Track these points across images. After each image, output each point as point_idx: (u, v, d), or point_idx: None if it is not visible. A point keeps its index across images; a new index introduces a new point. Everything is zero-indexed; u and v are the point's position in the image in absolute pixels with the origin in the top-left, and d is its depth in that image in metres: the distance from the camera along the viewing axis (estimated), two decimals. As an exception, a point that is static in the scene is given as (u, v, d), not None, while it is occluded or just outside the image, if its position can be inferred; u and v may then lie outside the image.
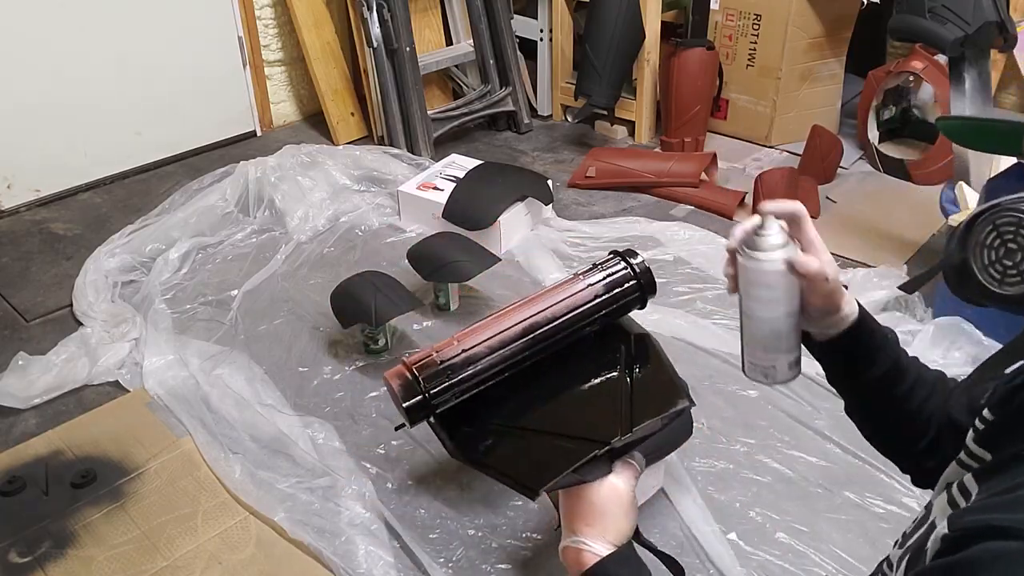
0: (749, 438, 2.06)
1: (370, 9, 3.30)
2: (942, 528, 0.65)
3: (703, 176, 3.18)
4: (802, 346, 0.93)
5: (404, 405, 0.95)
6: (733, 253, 0.89)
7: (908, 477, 1.02)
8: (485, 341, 0.98)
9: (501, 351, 0.98)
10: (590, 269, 1.08)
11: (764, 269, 0.86)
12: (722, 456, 2.02)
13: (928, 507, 0.82)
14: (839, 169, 3.28)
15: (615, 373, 1.02)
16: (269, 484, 1.93)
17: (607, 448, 0.93)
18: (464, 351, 0.97)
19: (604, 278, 1.06)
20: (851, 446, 2.00)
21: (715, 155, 3.27)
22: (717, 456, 2.02)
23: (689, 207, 3.11)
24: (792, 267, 0.85)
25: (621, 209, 3.12)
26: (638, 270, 1.06)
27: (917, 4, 2.40)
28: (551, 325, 1.01)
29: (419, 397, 0.95)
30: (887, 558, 0.88)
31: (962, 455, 0.80)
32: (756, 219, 0.87)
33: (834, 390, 1.00)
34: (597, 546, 0.91)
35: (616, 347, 1.05)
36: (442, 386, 0.96)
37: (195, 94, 3.52)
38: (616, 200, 3.18)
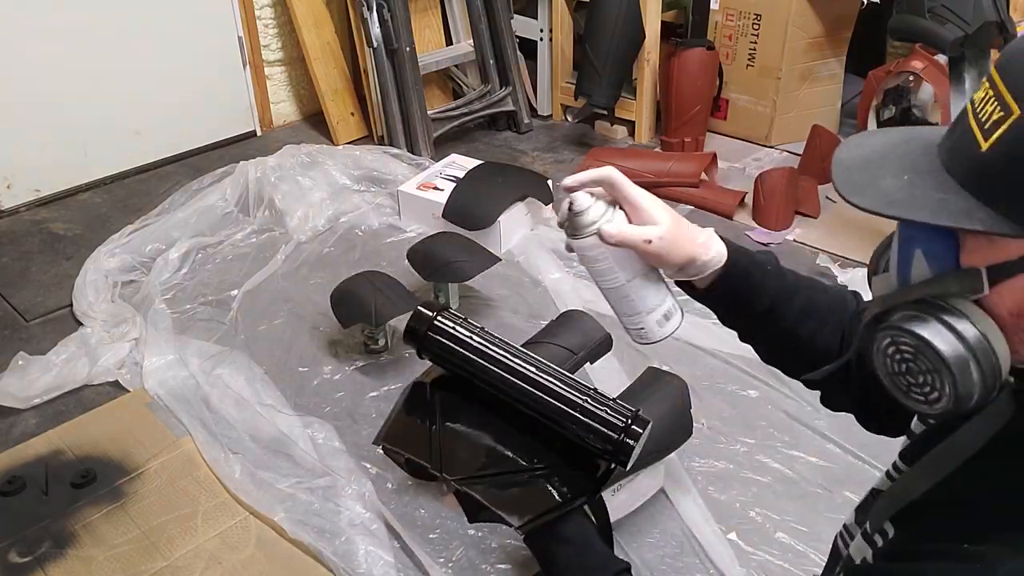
0: (749, 438, 2.07)
1: (370, 9, 3.30)
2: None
3: (703, 176, 3.17)
4: (670, 294, 0.93)
5: (415, 311, 0.92)
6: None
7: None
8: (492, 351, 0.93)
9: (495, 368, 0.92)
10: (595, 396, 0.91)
11: (583, 246, 0.87)
12: (722, 456, 2.02)
13: (858, 519, 0.85)
14: (839, 169, 3.27)
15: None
16: (269, 484, 1.93)
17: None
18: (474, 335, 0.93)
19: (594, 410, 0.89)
20: (851, 446, 2.00)
21: (715, 155, 3.27)
22: (717, 456, 2.02)
23: (689, 207, 3.11)
24: (606, 237, 0.84)
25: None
26: (618, 446, 0.88)
27: (917, 4, 2.40)
28: (531, 393, 0.90)
29: (430, 316, 0.92)
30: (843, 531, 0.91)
31: (891, 468, 0.80)
32: (567, 198, 0.87)
33: None
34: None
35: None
36: (448, 324, 0.92)
37: (195, 94, 3.52)
38: (616, 200, 3.18)
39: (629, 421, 0.87)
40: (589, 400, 0.88)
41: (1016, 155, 0.56)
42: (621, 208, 0.88)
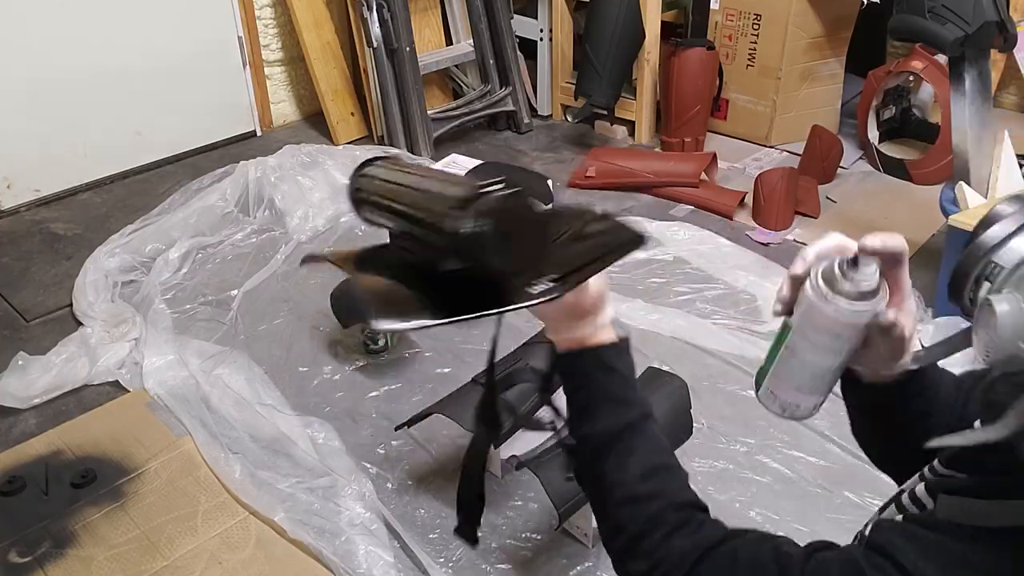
0: (749, 438, 2.06)
1: (370, 9, 3.30)
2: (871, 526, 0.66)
3: (703, 176, 3.18)
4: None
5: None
6: (798, 280, 0.74)
7: None
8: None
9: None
10: None
11: (841, 318, 0.71)
12: (722, 456, 2.02)
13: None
14: (839, 169, 3.28)
15: None
16: (269, 484, 1.93)
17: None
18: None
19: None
20: (851, 446, 1.99)
21: (715, 155, 3.27)
22: (717, 456, 2.02)
23: (689, 207, 3.11)
24: (875, 321, 0.72)
25: (621, 209, 3.12)
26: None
27: (917, 4, 2.40)
28: None
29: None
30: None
31: (926, 472, 0.77)
32: (846, 251, 0.72)
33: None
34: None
35: None
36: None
37: (195, 94, 3.52)
38: (616, 200, 3.18)
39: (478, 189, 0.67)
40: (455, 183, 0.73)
41: None
42: None
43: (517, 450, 1.88)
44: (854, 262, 0.70)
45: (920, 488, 0.74)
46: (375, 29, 3.33)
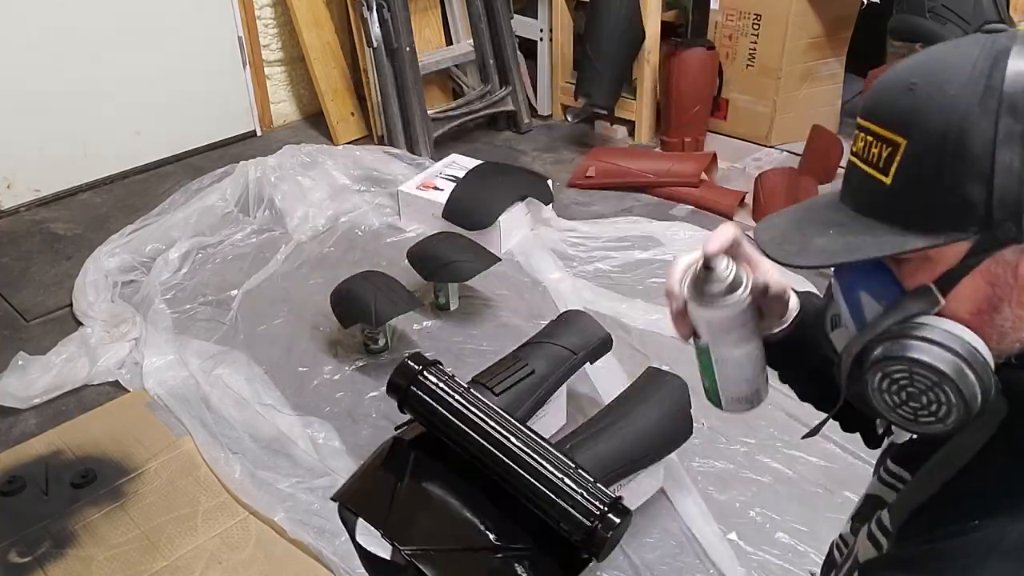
0: (749, 438, 2.06)
1: (370, 9, 3.30)
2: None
3: (703, 176, 3.18)
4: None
5: (399, 367, 0.89)
6: (680, 308, 0.81)
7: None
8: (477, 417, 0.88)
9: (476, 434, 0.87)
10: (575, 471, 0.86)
11: (731, 312, 0.78)
12: (722, 456, 2.02)
13: (854, 527, 0.84)
14: (839, 169, 3.28)
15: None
16: (269, 484, 1.93)
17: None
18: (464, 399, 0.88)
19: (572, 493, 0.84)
20: (851, 446, 1.99)
21: (715, 155, 3.27)
22: (717, 456, 2.02)
23: (689, 207, 3.11)
24: (755, 295, 0.78)
25: (621, 209, 3.12)
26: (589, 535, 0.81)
27: (917, 4, 2.40)
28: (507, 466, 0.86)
29: (414, 372, 0.89)
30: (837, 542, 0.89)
31: (882, 471, 0.81)
32: (696, 262, 0.78)
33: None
34: None
35: None
36: (433, 381, 0.89)
37: (195, 94, 3.52)
38: (616, 200, 3.18)
39: (606, 509, 0.80)
40: (568, 480, 0.82)
41: (917, 175, 0.62)
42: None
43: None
44: (708, 266, 0.77)
45: (885, 515, 0.75)
46: (375, 29, 3.33)
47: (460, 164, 3.09)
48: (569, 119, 3.84)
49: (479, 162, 3.08)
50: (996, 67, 0.60)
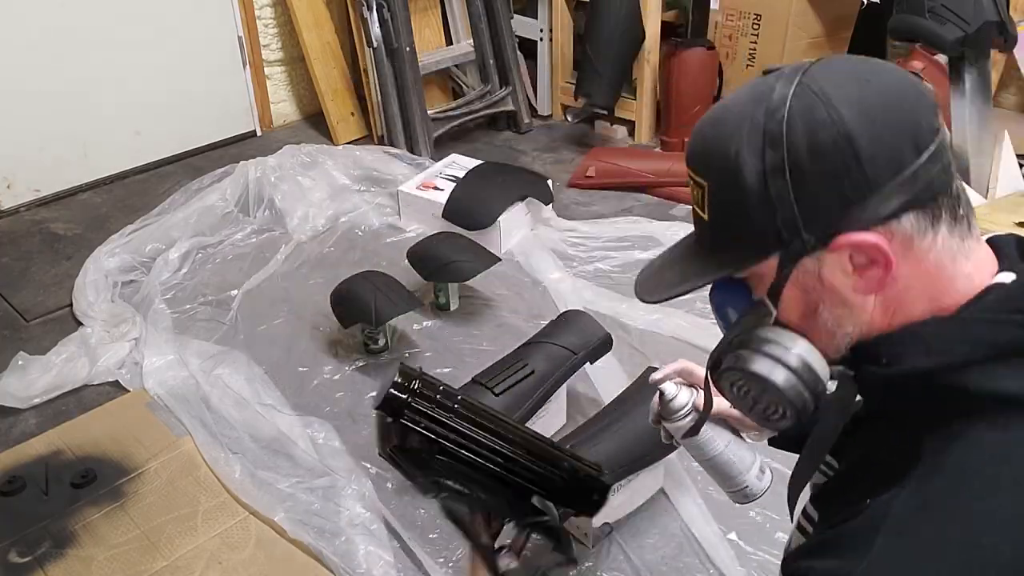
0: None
1: (370, 9, 3.30)
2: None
3: (703, 176, 3.17)
4: (756, 452, 1.03)
5: (388, 390, 0.88)
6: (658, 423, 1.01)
7: None
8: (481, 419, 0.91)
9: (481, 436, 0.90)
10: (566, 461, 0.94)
11: (683, 424, 0.98)
12: (722, 456, 2.02)
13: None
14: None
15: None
16: (269, 484, 1.93)
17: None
18: (460, 406, 0.90)
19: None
20: (851, 446, 1.99)
21: (715, 155, 3.27)
22: (717, 456, 2.02)
23: (689, 207, 3.10)
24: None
25: (621, 209, 3.12)
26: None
27: (917, 4, 2.40)
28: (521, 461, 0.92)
29: (404, 396, 0.88)
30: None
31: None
32: (656, 394, 1.00)
33: None
34: None
35: None
36: (423, 407, 0.89)
37: (195, 94, 3.52)
38: (616, 200, 3.18)
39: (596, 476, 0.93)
40: (564, 463, 0.92)
41: (722, 209, 0.70)
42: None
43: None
44: (660, 394, 0.99)
45: (809, 507, 0.81)
46: (375, 29, 3.33)
47: (460, 164, 3.09)
48: (569, 119, 3.84)
49: (479, 162, 3.08)
50: (758, 106, 0.67)
